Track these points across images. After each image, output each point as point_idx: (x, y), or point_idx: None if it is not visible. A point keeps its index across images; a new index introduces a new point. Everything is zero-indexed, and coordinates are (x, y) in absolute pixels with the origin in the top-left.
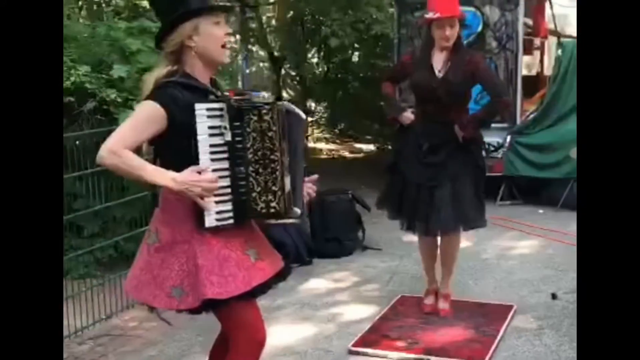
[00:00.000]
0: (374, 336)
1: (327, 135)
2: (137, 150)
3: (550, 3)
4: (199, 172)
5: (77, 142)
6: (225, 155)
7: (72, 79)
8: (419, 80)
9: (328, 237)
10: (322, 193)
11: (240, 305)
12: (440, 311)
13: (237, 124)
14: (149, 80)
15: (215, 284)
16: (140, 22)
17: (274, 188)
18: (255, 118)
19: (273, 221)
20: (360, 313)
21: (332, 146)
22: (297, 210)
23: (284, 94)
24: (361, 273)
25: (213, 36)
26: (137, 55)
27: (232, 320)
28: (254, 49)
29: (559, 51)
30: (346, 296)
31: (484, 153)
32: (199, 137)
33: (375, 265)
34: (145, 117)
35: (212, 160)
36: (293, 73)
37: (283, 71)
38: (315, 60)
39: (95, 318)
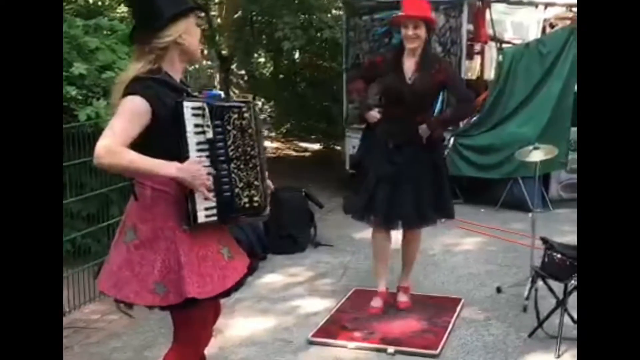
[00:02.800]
0: (333, 327)
1: (272, 134)
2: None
3: (490, 10)
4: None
5: None
6: (207, 153)
7: None
8: (389, 84)
9: (282, 233)
10: (276, 190)
11: (205, 306)
12: (399, 304)
13: (218, 122)
14: (125, 78)
15: (195, 283)
16: (97, 20)
17: (256, 183)
18: (235, 116)
19: (246, 218)
20: (317, 306)
21: (276, 145)
22: (268, 208)
23: (231, 93)
24: (315, 268)
25: (196, 34)
26: (95, 52)
27: (190, 319)
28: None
29: (500, 57)
30: (302, 290)
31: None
32: (187, 135)
33: (327, 260)
34: (131, 112)
35: (198, 157)
36: (241, 72)
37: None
38: (262, 59)
39: None
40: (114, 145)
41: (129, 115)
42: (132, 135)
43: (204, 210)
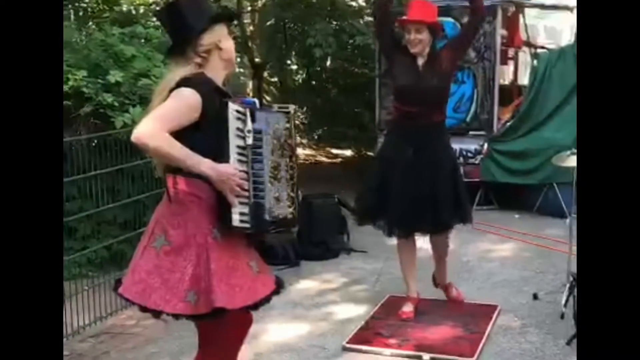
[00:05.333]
0: (367, 334)
1: (304, 141)
2: None
3: (523, 14)
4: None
5: (75, 146)
6: (245, 159)
7: (70, 83)
8: (404, 82)
9: (315, 240)
10: (309, 197)
11: (232, 317)
12: (459, 295)
13: (259, 129)
14: (170, 80)
15: (224, 293)
16: (133, 28)
17: (291, 194)
18: (276, 125)
19: (283, 229)
20: (351, 312)
21: (308, 151)
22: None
23: (263, 100)
24: (348, 274)
25: (231, 42)
26: (132, 60)
27: (216, 330)
28: None
29: (535, 62)
30: (336, 296)
31: (461, 159)
32: (230, 136)
33: (361, 267)
34: (184, 103)
35: (238, 161)
36: (273, 79)
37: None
38: (294, 67)
39: (91, 318)
40: (157, 128)
41: (180, 105)
42: (176, 126)
43: (239, 214)
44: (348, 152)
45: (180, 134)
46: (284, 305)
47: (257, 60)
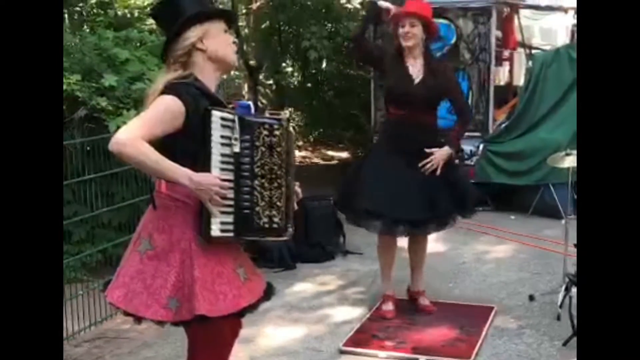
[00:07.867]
0: (363, 336)
1: (300, 143)
2: None
3: (518, 16)
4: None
5: (70, 150)
6: (231, 167)
7: (64, 87)
8: (395, 85)
9: (311, 242)
10: (304, 199)
11: (220, 324)
12: (426, 308)
13: (247, 136)
14: (157, 88)
15: (207, 300)
16: (127, 32)
17: (278, 203)
18: (266, 132)
19: (270, 239)
20: (347, 314)
21: (304, 153)
22: (291, 229)
23: (259, 103)
24: (345, 276)
25: (222, 38)
26: (126, 64)
27: (204, 336)
28: None
29: (530, 63)
30: (332, 298)
31: (457, 161)
32: (212, 145)
33: (357, 269)
34: (165, 110)
35: (221, 169)
36: (269, 82)
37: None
38: (290, 69)
39: (86, 323)
40: (136, 137)
41: (162, 112)
42: (157, 133)
43: (220, 224)
44: (344, 154)
45: (164, 141)
46: (279, 308)
47: (252, 62)
